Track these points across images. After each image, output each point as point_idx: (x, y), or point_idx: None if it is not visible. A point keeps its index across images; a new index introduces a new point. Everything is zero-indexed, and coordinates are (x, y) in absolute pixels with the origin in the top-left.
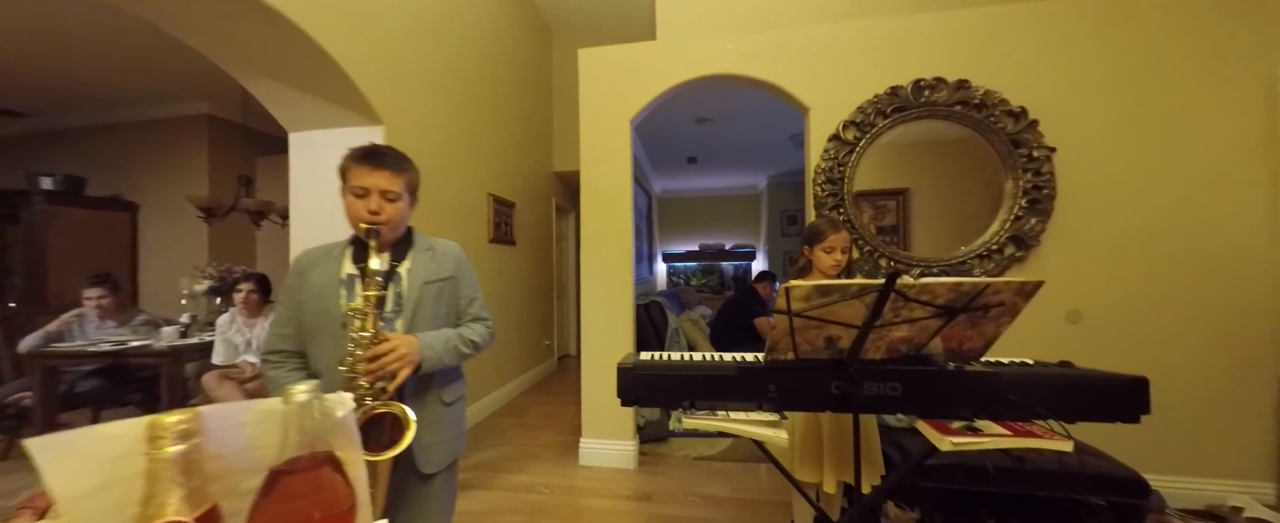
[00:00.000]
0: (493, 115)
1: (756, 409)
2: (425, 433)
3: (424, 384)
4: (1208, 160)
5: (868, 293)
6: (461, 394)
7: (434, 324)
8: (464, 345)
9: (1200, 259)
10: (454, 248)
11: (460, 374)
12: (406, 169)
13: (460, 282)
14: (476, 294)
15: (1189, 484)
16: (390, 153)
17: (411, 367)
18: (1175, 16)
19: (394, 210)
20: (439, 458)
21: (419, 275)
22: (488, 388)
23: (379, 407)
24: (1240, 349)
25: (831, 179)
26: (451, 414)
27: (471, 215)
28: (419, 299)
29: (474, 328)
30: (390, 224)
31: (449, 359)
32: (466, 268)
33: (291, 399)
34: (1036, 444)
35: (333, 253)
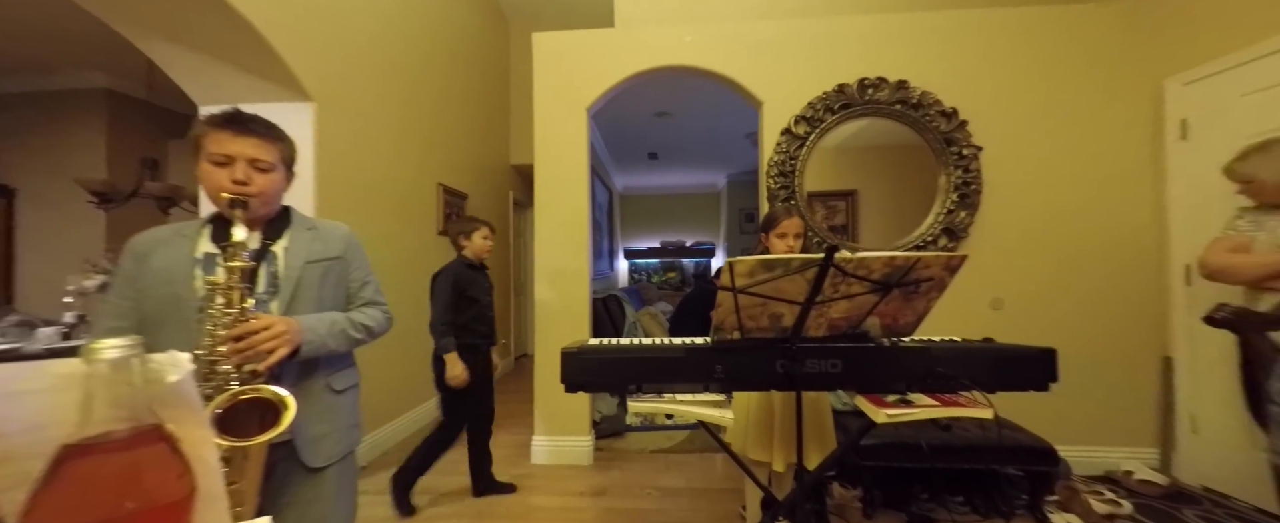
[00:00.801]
0: (445, 103)
1: (703, 390)
2: (313, 423)
3: (309, 371)
4: (1105, 161)
5: (809, 268)
6: (354, 382)
7: (319, 308)
8: (354, 330)
9: (1099, 250)
10: (342, 228)
11: (352, 361)
12: (280, 138)
13: (350, 263)
14: (370, 277)
15: (1090, 452)
16: (259, 119)
17: (288, 347)
18: (1076, 30)
19: (266, 182)
20: (330, 450)
21: (299, 254)
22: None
23: (247, 392)
24: (1131, 331)
25: (784, 172)
26: (343, 403)
27: (420, 206)
28: (300, 280)
29: (366, 312)
30: (262, 197)
31: (335, 344)
32: (357, 249)
33: (96, 357)
34: (962, 412)
35: (184, 233)
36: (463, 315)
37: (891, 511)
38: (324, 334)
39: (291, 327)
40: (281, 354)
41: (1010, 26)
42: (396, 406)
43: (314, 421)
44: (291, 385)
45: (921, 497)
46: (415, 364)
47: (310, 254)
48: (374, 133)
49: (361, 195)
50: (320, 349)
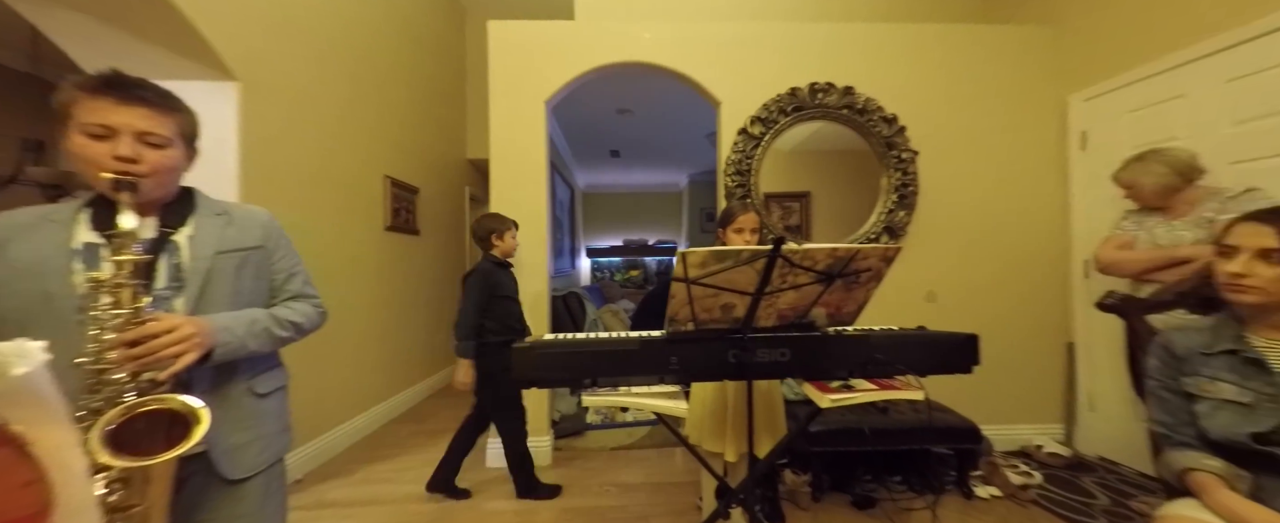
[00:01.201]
0: (394, 90)
1: (659, 382)
2: (233, 431)
3: (227, 375)
4: (1020, 167)
5: (758, 259)
6: (282, 384)
7: (236, 303)
8: (279, 327)
9: (1015, 248)
10: (261, 213)
11: (278, 362)
12: (177, 108)
13: (272, 253)
14: (297, 268)
15: (1007, 430)
16: (149, 85)
17: (197, 351)
18: (995, 48)
19: (159, 159)
20: (252, 459)
21: (208, 243)
22: (383, 393)
23: (148, 403)
24: (1041, 320)
25: (740, 171)
26: (268, 407)
27: (365, 199)
28: (211, 272)
29: (294, 307)
30: (156, 176)
31: (257, 344)
32: (280, 237)
33: None
34: (897, 395)
35: (54, 217)
36: (495, 314)
37: (837, 493)
38: (243, 334)
39: (200, 328)
40: (188, 360)
41: (940, 41)
42: (340, 412)
43: (233, 428)
44: (206, 392)
45: (864, 479)
46: (361, 367)
47: (222, 243)
48: (312, 118)
49: (297, 187)
50: (238, 351)
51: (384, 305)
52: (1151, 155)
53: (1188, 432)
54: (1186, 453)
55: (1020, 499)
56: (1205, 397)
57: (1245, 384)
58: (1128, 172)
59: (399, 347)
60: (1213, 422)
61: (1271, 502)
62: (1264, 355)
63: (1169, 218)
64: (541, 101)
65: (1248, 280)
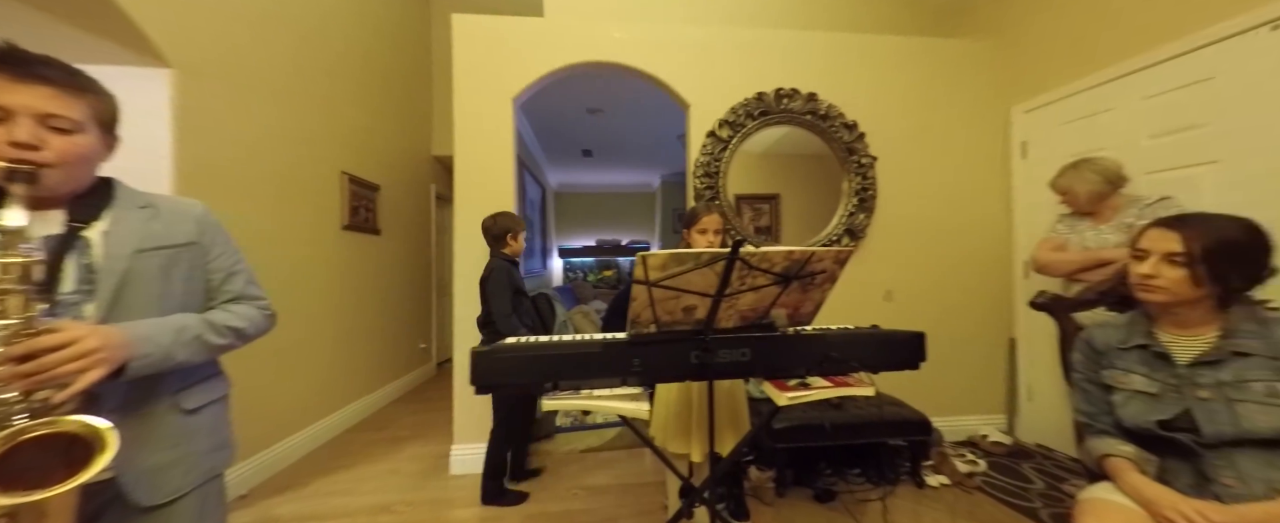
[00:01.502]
0: (351, 83)
1: (621, 384)
2: (152, 452)
3: (147, 389)
4: (968, 173)
5: (717, 261)
6: (220, 395)
7: (163, 308)
8: (216, 334)
9: (964, 249)
10: (194, 207)
11: (216, 371)
12: (88, 88)
13: (208, 250)
14: (238, 266)
15: (956, 421)
16: (54, 62)
17: (103, 367)
18: (946, 60)
19: (67, 147)
20: (176, 481)
21: (126, 241)
22: (341, 400)
23: (39, 428)
24: (987, 317)
25: (709, 172)
26: (198, 423)
27: (319, 196)
28: (128, 274)
29: (233, 310)
30: (62, 167)
31: (187, 354)
32: (217, 232)
33: None
34: (850, 391)
35: None
36: (518, 311)
37: (800, 487)
38: (168, 345)
39: (108, 340)
40: (91, 378)
41: (896, 52)
42: (293, 421)
43: (154, 448)
44: (116, 410)
45: (826, 472)
46: (315, 373)
47: (145, 240)
48: (257, 110)
49: (241, 183)
50: (162, 364)
51: (341, 308)
52: (1084, 164)
53: (1106, 420)
54: (1104, 440)
55: (966, 487)
56: (1120, 388)
57: (1153, 376)
58: (1064, 179)
59: (358, 351)
60: (1126, 411)
61: (1175, 482)
62: (1169, 349)
63: (1096, 222)
64: (509, 99)
65: (1156, 281)
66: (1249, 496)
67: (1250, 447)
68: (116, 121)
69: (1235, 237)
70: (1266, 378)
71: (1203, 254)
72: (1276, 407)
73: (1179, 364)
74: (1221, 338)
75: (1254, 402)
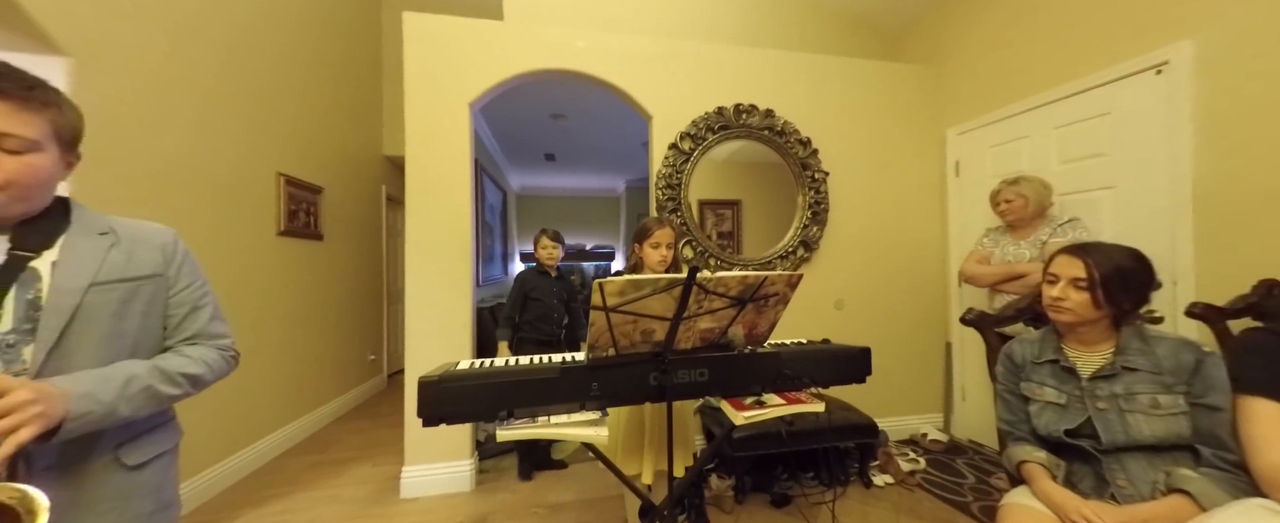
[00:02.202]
0: (290, 77)
1: (580, 410)
2: (88, 514)
3: (86, 444)
4: (908, 189)
5: (674, 287)
6: (168, 447)
7: (112, 351)
8: (168, 384)
9: (906, 259)
10: (162, 234)
11: (166, 420)
12: (50, 102)
13: (172, 283)
14: (203, 301)
15: (900, 421)
16: (9, 70)
17: (37, 426)
18: (889, 83)
19: (18, 169)
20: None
21: (79, 272)
22: (276, 422)
23: None
24: (927, 323)
25: (671, 185)
26: (142, 481)
27: (252, 199)
28: (79, 311)
29: (189, 354)
30: (14, 187)
31: (132, 408)
32: (185, 262)
33: None
34: (801, 409)
35: None
36: (526, 315)
37: (758, 493)
38: (112, 401)
39: (43, 395)
40: (21, 440)
41: (844, 73)
42: (217, 447)
43: (90, 510)
44: (50, 468)
45: (782, 478)
46: (245, 393)
47: (101, 271)
48: (173, 104)
49: (152, 183)
50: (103, 421)
51: (277, 321)
52: (1027, 180)
53: (1024, 428)
54: (1021, 447)
55: (908, 485)
56: (1035, 399)
57: (1062, 388)
58: (1027, 186)
59: (300, 366)
60: (1040, 420)
61: (1080, 484)
62: (1074, 364)
63: (1016, 238)
64: (465, 103)
65: (1064, 303)
66: (1138, 496)
67: (1138, 452)
68: (79, 138)
69: (1128, 264)
70: (1150, 391)
71: (1102, 280)
72: (1158, 416)
73: (1082, 378)
74: (1115, 354)
75: (1141, 412)
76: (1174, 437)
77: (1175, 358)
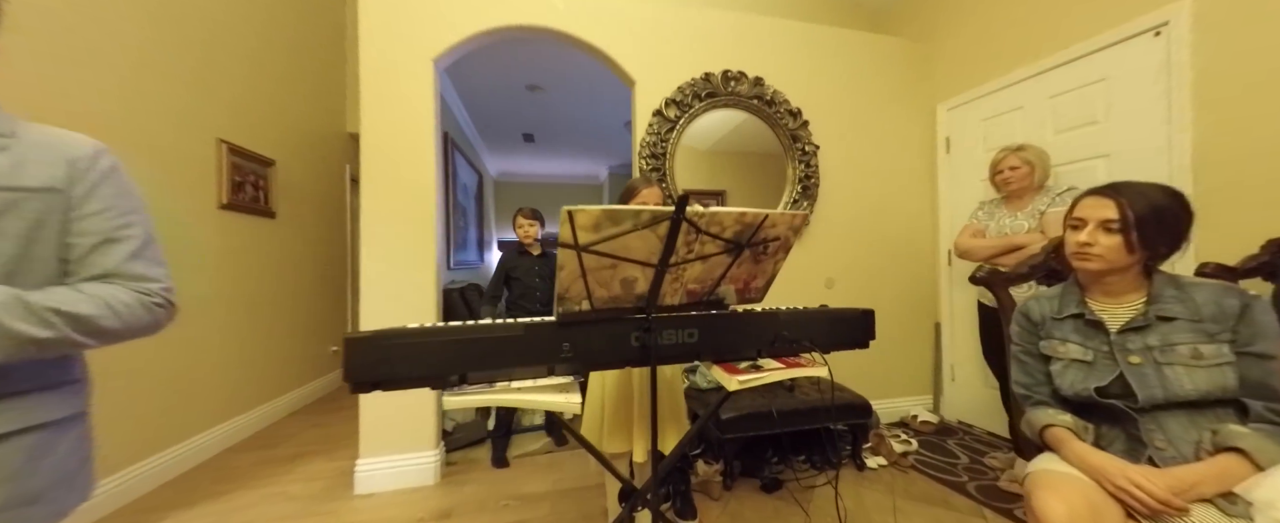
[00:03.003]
0: (241, 41)
1: (548, 374)
2: None
3: None
4: (900, 165)
5: (659, 222)
6: (42, 423)
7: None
8: (29, 320)
9: (897, 237)
10: (78, 146)
11: (51, 383)
12: None
13: (78, 204)
14: (123, 233)
15: (890, 403)
16: None
17: None
18: (882, 55)
19: None
20: None
21: None
22: (216, 416)
23: None
24: (917, 302)
25: (655, 154)
26: (21, 452)
27: (187, 168)
28: None
29: (87, 291)
30: None
31: (8, 345)
32: (103, 184)
33: None
34: (804, 372)
35: None
36: (510, 295)
37: (747, 478)
38: None
39: None
40: None
41: (838, 44)
42: (151, 440)
43: None
44: None
45: (772, 461)
46: (182, 383)
47: None
48: (97, 60)
49: None
50: None
51: (219, 302)
52: (1031, 147)
53: (1044, 391)
54: (1044, 411)
55: (902, 466)
56: (1057, 357)
57: (1087, 343)
58: (1032, 152)
59: (246, 354)
60: (1063, 379)
61: (1110, 447)
62: (1101, 317)
63: (1012, 210)
64: (429, 59)
65: (1093, 249)
66: (1178, 457)
67: (1177, 409)
68: None
69: (1165, 203)
70: (1190, 341)
71: (1136, 220)
72: (1200, 368)
73: (1111, 331)
74: (1147, 304)
75: (1180, 365)
76: (1218, 390)
77: (1217, 304)
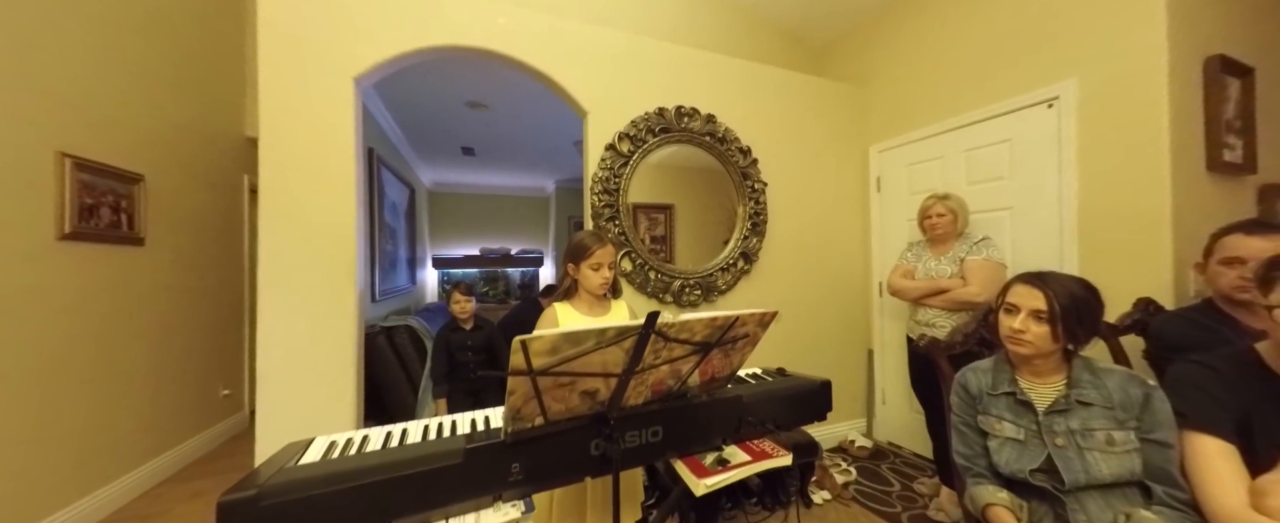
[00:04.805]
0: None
1: (494, 503)
2: None
3: None
4: (837, 203)
5: (626, 337)
6: None
7: None
8: None
9: (833, 270)
10: None
11: None
12: None
13: None
14: None
15: (829, 429)
16: None
17: None
18: (819, 98)
19: None
20: None
21: None
22: (57, 501)
23: None
24: (852, 331)
25: (608, 189)
26: None
27: (9, 189)
28: None
29: None
30: None
31: None
32: None
33: None
34: (769, 465)
35: None
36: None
37: None
38: None
39: None
40: None
41: (781, 85)
42: None
43: None
44: None
45: (726, 508)
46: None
47: None
48: None
49: None
50: None
51: (70, 360)
52: (954, 196)
53: (981, 462)
54: (984, 487)
55: (843, 499)
56: (994, 434)
57: (1019, 422)
58: (955, 202)
59: (102, 417)
60: (999, 457)
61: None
62: (1029, 396)
63: (936, 254)
64: (349, 77)
65: (1026, 336)
66: None
67: (1095, 490)
68: None
69: (1082, 294)
70: (1104, 427)
71: (1062, 311)
72: (1113, 453)
73: (1039, 412)
74: (1068, 387)
75: (1098, 450)
76: (1128, 474)
77: (1124, 392)
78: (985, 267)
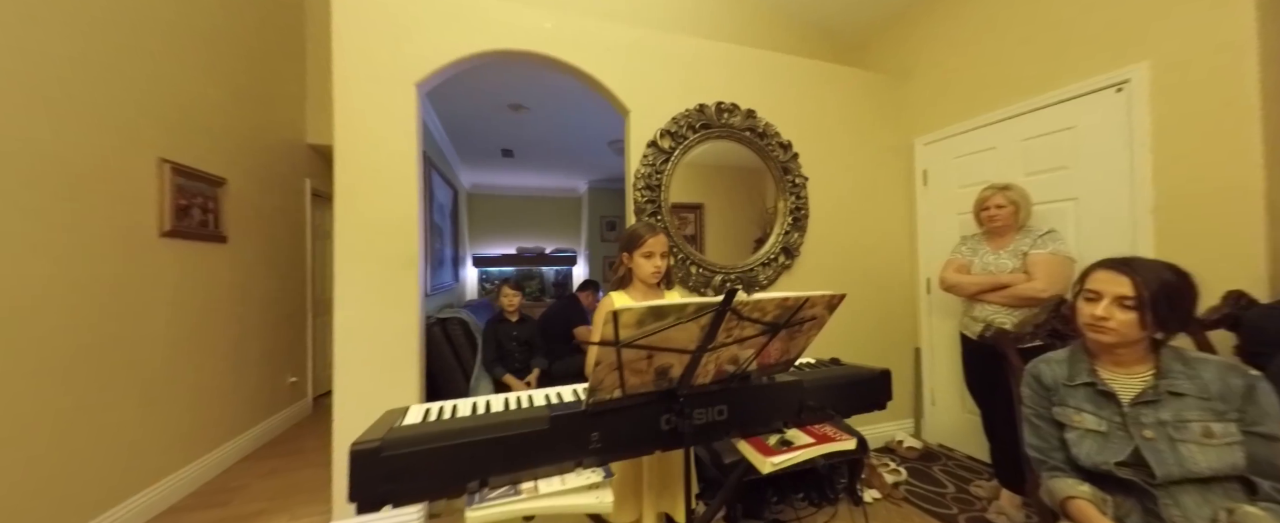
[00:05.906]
0: (192, 45)
1: (576, 468)
2: None
3: None
4: (881, 197)
5: (704, 313)
6: None
7: None
8: None
9: (877, 266)
10: None
11: None
12: None
13: None
14: None
15: (876, 429)
16: None
17: None
18: (862, 91)
19: None
20: None
21: None
22: (157, 471)
23: None
24: (898, 329)
25: (650, 186)
26: None
27: (119, 191)
28: None
29: None
30: None
31: None
32: None
33: None
34: (834, 448)
35: None
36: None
37: (749, 520)
38: None
39: None
40: None
41: (823, 78)
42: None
43: None
44: None
45: (773, 502)
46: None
47: None
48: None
49: None
50: None
51: (162, 343)
52: (1016, 187)
53: (1058, 456)
54: (1063, 480)
55: (894, 498)
56: (1073, 426)
57: (1100, 414)
58: (1017, 193)
59: (193, 398)
60: (1080, 449)
61: (1125, 520)
62: (1113, 387)
63: (994, 247)
64: (412, 84)
65: (1109, 323)
66: None
67: (1191, 485)
68: None
69: (1173, 280)
70: (1201, 418)
71: (1151, 299)
72: (1212, 447)
73: (1123, 403)
74: (1157, 377)
75: (1193, 442)
76: (1229, 468)
77: (1223, 382)
78: (1052, 261)
